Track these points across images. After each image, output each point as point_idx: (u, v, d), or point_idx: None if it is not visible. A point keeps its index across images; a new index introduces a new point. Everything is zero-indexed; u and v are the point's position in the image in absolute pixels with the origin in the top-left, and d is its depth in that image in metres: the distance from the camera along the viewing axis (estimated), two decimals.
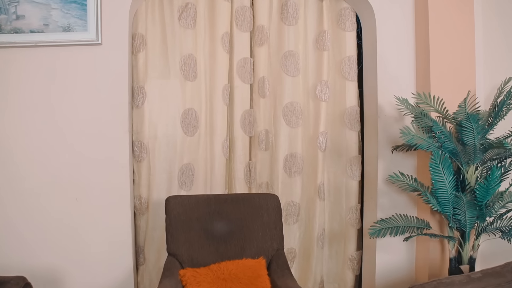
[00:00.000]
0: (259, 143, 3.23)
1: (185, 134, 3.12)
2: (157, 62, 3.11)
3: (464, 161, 2.62)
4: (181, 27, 3.11)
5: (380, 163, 3.07)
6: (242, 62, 3.21)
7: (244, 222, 2.64)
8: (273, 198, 2.74)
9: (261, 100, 3.21)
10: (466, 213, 2.53)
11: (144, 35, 3.08)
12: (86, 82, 2.88)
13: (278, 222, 2.68)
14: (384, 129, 3.06)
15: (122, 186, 2.92)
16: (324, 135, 3.23)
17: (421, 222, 2.81)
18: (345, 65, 3.25)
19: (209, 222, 2.62)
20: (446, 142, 2.58)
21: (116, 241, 2.91)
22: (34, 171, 2.86)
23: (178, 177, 3.11)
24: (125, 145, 2.92)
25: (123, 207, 2.92)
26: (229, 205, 2.67)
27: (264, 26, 3.18)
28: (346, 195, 3.31)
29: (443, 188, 2.56)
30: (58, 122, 2.87)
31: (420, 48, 3.01)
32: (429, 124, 2.65)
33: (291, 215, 3.24)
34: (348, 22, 3.24)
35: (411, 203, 3.07)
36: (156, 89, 3.11)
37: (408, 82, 3.06)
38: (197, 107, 3.14)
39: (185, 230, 2.58)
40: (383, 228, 2.80)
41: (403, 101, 2.73)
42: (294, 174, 3.23)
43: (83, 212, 2.89)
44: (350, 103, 3.26)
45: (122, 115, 2.91)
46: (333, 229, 3.34)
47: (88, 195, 2.89)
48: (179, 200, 2.66)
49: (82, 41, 2.84)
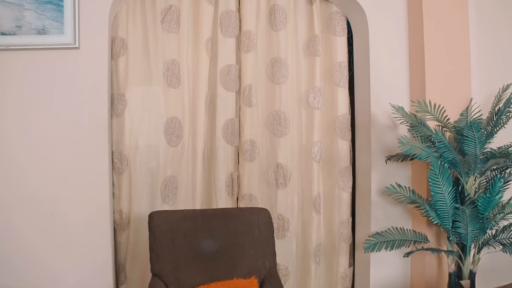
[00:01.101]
0: (244, 153, 3.05)
1: (169, 145, 2.93)
2: (139, 68, 2.93)
3: (463, 171, 2.52)
4: (164, 31, 2.94)
5: (373, 173, 2.95)
6: (226, 69, 3.04)
7: (234, 239, 2.46)
8: (264, 212, 2.57)
9: (248, 109, 3.04)
10: (468, 226, 2.42)
11: (125, 39, 2.89)
12: (62, 89, 2.68)
13: (270, 238, 2.51)
14: (377, 138, 2.95)
15: (101, 200, 2.72)
16: (318, 144, 3.08)
17: (419, 235, 2.71)
18: (335, 72, 3.12)
19: (196, 239, 2.43)
20: (446, 152, 2.48)
21: (94, 258, 2.71)
22: (4, 184, 2.64)
23: (161, 190, 2.92)
24: (104, 157, 2.72)
25: (102, 222, 2.73)
26: (217, 221, 2.49)
27: (251, 31, 3.02)
28: (338, 208, 3.16)
29: (442, 200, 2.46)
30: (30, 131, 2.66)
31: (414, 54, 2.91)
32: (427, 133, 2.55)
33: (279, 230, 3.05)
34: (338, 27, 3.11)
35: (406, 215, 2.95)
36: (137, 96, 2.92)
37: (401, 89, 2.96)
38: (180, 116, 2.96)
39: (170, 249, 2.38)
40: (378, 242, 2.68)
41: (399, 109, 2.63)
42: (281, 186, 3.06)
43: (59, 228, 2.68)
44: (341, 111, 3.13)
45: (101, 124, 2.71)
46: (324, 244, 3.18)
47: (64, 210, 2.68)
48: (163, 216, 2.47)
49: (58, 44, 2.65)
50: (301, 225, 3.12)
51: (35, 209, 2.66)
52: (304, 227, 3.11)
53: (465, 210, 2.35)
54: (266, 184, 3.10)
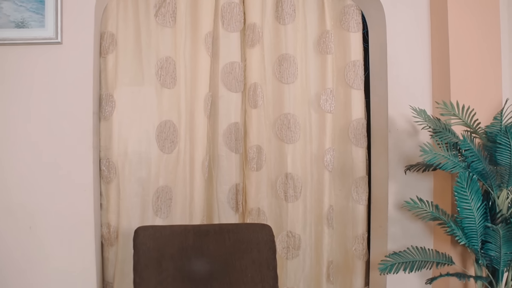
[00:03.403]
0: (249, 162, 2.75)
1: (161, 151, 2.65)
2: (129, 66, 2.66)
3: (495, 184, 2.18)
4: (158, 25, 2.67)
5: (391, 185, 2.63)
6: (228, 67, 2.75)
7: (230, 260, 2.15)
8: (265, 229, 2.26)
9: (253, 111, 2.75)
10: (502, 248, 2.08)
11: (115, 34, 2.63)
12: (42, 88, 2.43)
13: (271, 260, 2.19)
14: (395, 145, 2.63)
15: (84, 212, 2.45)
16: (330, 152, 2.77)
17: (442, 256, 2.36)
18: (349, 71, 2.81)
19: (186, 260, 2.13)
20: (475, 161, 2.14)
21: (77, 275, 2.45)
22: None
23: (152, 202, 2.64)
24: (88, 164, 2.45)
25: (86, 236, 2.46)
26: (211, 239, 2.19)
27: (256, 24, 2.73)
28: (352, 222, 2.84)
29: (470, 217, 2.13)
30: (6, 136, 2.42)
31: (438, 50, 2.58)
32: (453, 139, 2.21)
33: (289, 249, 2.75)
34: (352, 22, 2.81)
35: (427, 232, 2.63)
36: (127, 97, 2.64)
37: (423, 91, 2.64)
38: (175, 119, 2.68)
39: (156, 270, 2.09)
40: (396, 262, 2.34)
41: (420, 113, 2.30)
42: (292, 199, 2.76)
43: (38, 242, 2.43)
44: (356, 115, 2.81)
45: (85, 128, 2.45)
46: (338, 262, 2.86)
47: (44, 223, 2.43)
48: (150, 232, 2.18)
49: (39, 39, 2.40)
50: (314, 242, 2.82)
51: (12, 222, 2.41)
52: (317, 244, 2.81)
53: (498, 230, 2.01)
54: (274, 197, 2.81)
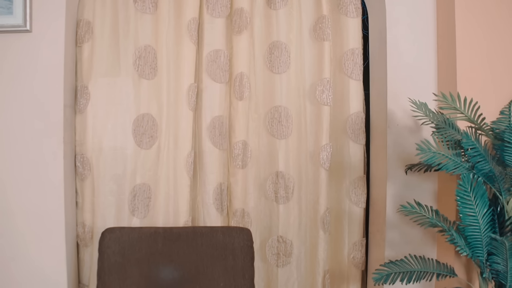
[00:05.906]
0: (234, 159, 2.55)
1: (138, 147, 2.46)
2: (105, 56, 2.47)
3: (503, 187, 1.92)
4: (137, 12, 2.47)
5: (389, 186, 2.38)
6: (212, 56, 2.54)
7: (200, 268, 1.95)
8: (243, 233, 2.05)
9: (239, 103, 2.53)
10: (508, 262, 1.82)
11: (91, 22, 2.45)
12: (9, 79, 2.27)
13: (248, 267, 1.98)
14: (395, 142, 2.37)
15: (54, 212, 2.29)
16: (327, 148, 2.53)
17: (443, 267, 2.11)
18: (347, 60, 2.56)
19: (154, 266, 1.95)
20: (481, 162, 1.88)
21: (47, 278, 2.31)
22: None
23: (128, 201, 2.46)
24: (58, 160, 2.29)
25: (57, 237, 2.30)
26: (182, 243, 2.00)
27: (243, 8, 2.51)
28: (349, 226, 2.61)
29: (474, 224, 1.87)
30: None
31: (443, 37, 2.32)
32: (457, 137, 1.95)
33: (280, 255, 2.54)
34: (351, 6, 2.55)
35: (429, 239, 2.37)
36: (102, 89, 2.46)
37: (427, 82, 2.37)
38: (155, 113, 2.49)
39: (120, 278, 1.92)
40: (392, 272, 2.10)
41: (420, 106, 2.03)
42: (283, 200, 2.54)
43: (3, 246, 2.30)
44: (354, 108, 2.57)
45: (56, 121, 2.28)
46: (334, 271, 2.63)
47: (12, 222, 2.29)
48: (117, 234, 2.01)
49: (6, 26, 2.24)
50: (308, 248, 2.59)
51: None
52: (312, 250, 2.57)
53: (504, 242, 1.75)
54: (264, 198, 2.59)
